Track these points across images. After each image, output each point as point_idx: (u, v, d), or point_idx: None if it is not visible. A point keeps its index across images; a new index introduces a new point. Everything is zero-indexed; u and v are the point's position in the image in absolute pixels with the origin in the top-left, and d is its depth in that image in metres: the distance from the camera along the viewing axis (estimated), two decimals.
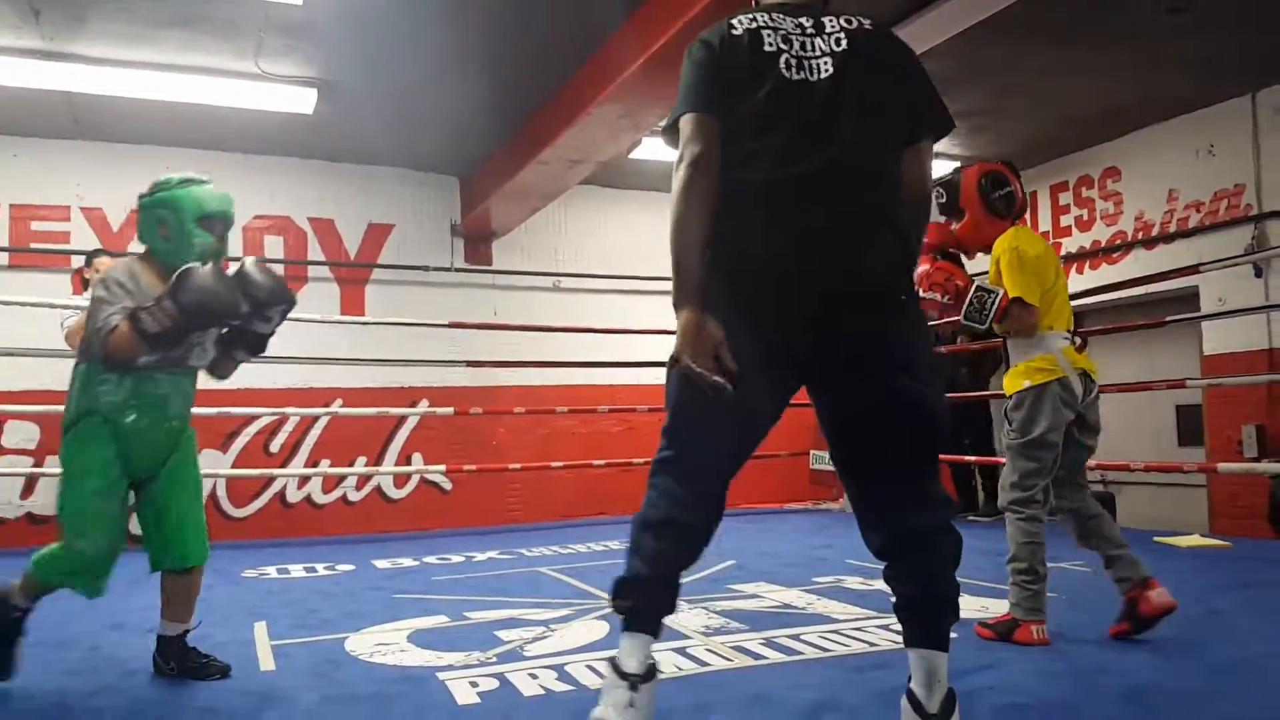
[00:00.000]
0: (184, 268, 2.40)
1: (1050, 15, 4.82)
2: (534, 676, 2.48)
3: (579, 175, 6.18)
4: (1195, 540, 4.68)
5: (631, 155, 6.42)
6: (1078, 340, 3.04)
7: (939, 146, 6.78)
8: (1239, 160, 6.03)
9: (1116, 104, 6.15)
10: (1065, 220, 7.28)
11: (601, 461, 6.82)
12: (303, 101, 5.57)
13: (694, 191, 1.69)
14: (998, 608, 3.34)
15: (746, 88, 1.73)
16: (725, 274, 1.71)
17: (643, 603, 1.70)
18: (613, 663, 1.65)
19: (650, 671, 1.64)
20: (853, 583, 3.79)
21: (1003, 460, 2.92)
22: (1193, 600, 3.01)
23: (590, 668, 2.53)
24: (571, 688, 2.35)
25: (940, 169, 7.29)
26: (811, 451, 7.51)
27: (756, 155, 1.71)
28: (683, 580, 1.72)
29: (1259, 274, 5.85)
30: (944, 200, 3.03)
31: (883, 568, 1.77)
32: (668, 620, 1.73)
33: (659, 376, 1.83)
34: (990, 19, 4.49)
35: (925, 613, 1.72)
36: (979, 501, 6.40)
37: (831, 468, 1.90)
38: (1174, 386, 4.59)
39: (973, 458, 6.10)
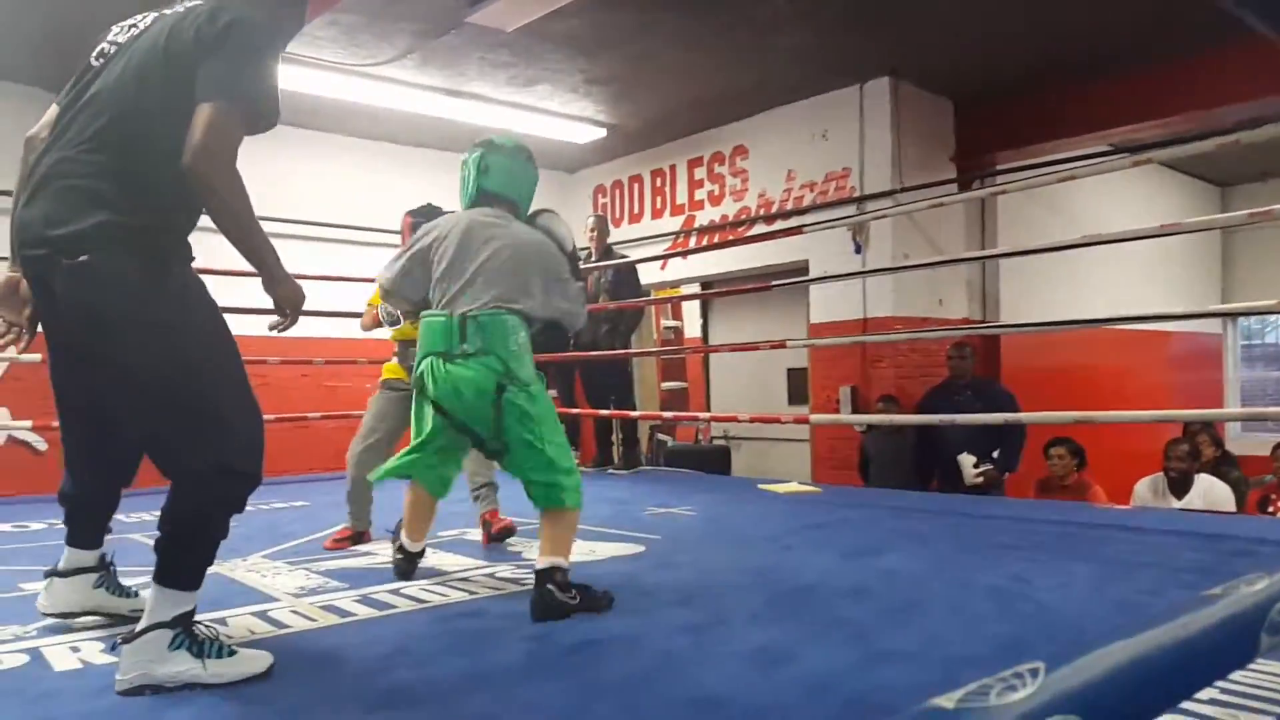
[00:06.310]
0: None
1: None
2: (75, 650, 2.18)
3: None
4: (792, 487, 5.20)
5: None
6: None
7: (585, 111, 7.00)
8: (847, 146, 6.73)
9: (740, 84, 6.58)
10: (700, 194, 7.77)
11: None
12: None
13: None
14: (596, 548, 3.49)
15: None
16: None
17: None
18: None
19: None
20: (475, 535, 3.77)
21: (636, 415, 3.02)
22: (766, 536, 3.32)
23: None
24: (116, 659, 2.08)
25: (589, 133, 7.44)
26: None
27: None
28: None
29: (859, 250, 6.60)
30: None
31: None
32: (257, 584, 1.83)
33: None
34: None
35: None
36: (614, 456, 6.66)
37: None
38: (776, 347, 5.03)
39: (607, 412, 6.31)
